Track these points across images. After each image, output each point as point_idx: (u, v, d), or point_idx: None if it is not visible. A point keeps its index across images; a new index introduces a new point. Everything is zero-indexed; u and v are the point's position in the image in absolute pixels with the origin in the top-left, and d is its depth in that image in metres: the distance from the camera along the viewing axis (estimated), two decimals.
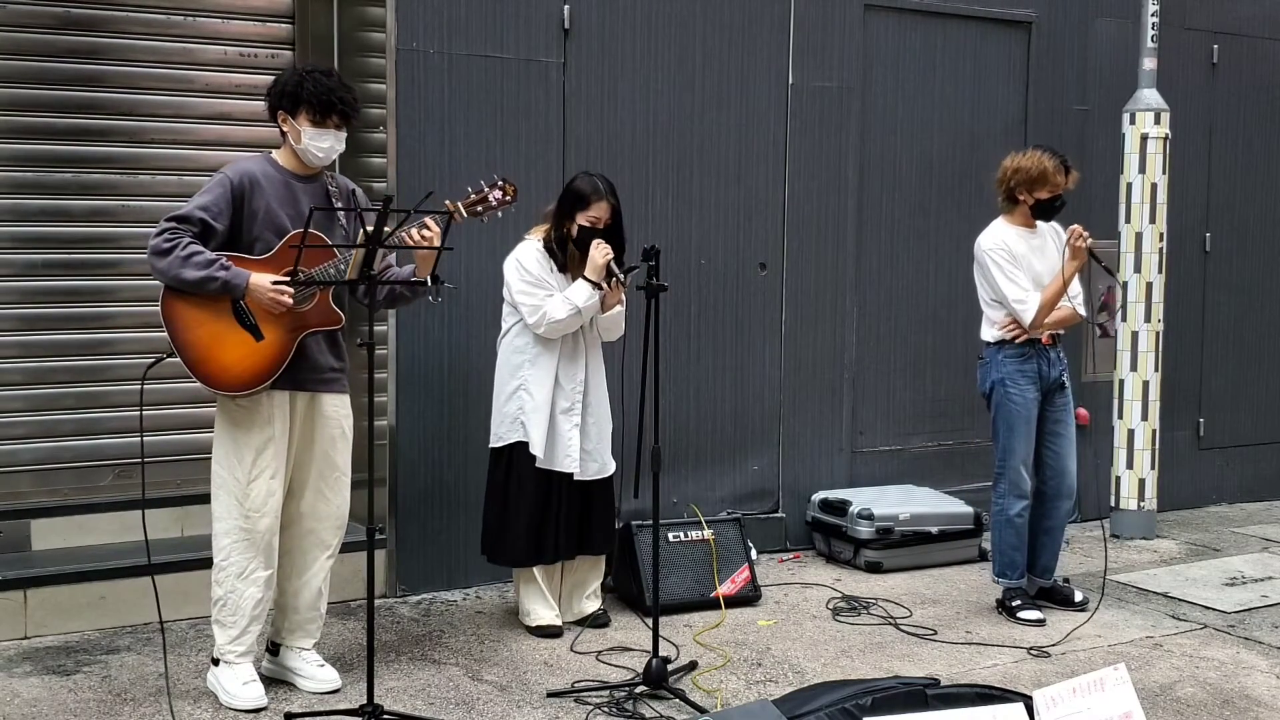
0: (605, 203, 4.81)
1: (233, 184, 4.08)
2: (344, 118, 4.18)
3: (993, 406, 5.29)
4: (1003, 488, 5.27)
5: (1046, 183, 5.15)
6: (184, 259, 3.95)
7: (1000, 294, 5.17)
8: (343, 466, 4.34)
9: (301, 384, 4.19)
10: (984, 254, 5.23)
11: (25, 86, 5.27)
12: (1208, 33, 7.42)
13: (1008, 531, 5.28)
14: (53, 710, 4.13)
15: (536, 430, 4.82)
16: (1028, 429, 5.21)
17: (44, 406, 5.36)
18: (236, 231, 4.10)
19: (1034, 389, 5.20)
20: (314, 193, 4.22)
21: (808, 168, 6.30)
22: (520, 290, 4.82)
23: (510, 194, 4.38)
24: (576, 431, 4.88)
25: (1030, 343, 5.20)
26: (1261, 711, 4.34)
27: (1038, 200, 5.18)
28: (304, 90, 4.12)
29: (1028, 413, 5.20)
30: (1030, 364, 5.20)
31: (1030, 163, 5.17)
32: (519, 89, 5.56)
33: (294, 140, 4.17)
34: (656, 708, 4.21)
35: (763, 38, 6.16)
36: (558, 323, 4.75)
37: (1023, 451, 5.21)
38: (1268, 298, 7.80)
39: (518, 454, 4.88)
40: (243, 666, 4.19)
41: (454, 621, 5.14)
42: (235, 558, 4.16)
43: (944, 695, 3.68)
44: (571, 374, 4.89)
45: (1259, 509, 7.59)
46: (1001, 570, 5.33)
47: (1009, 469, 5.23)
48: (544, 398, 4.83)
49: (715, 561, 5.44)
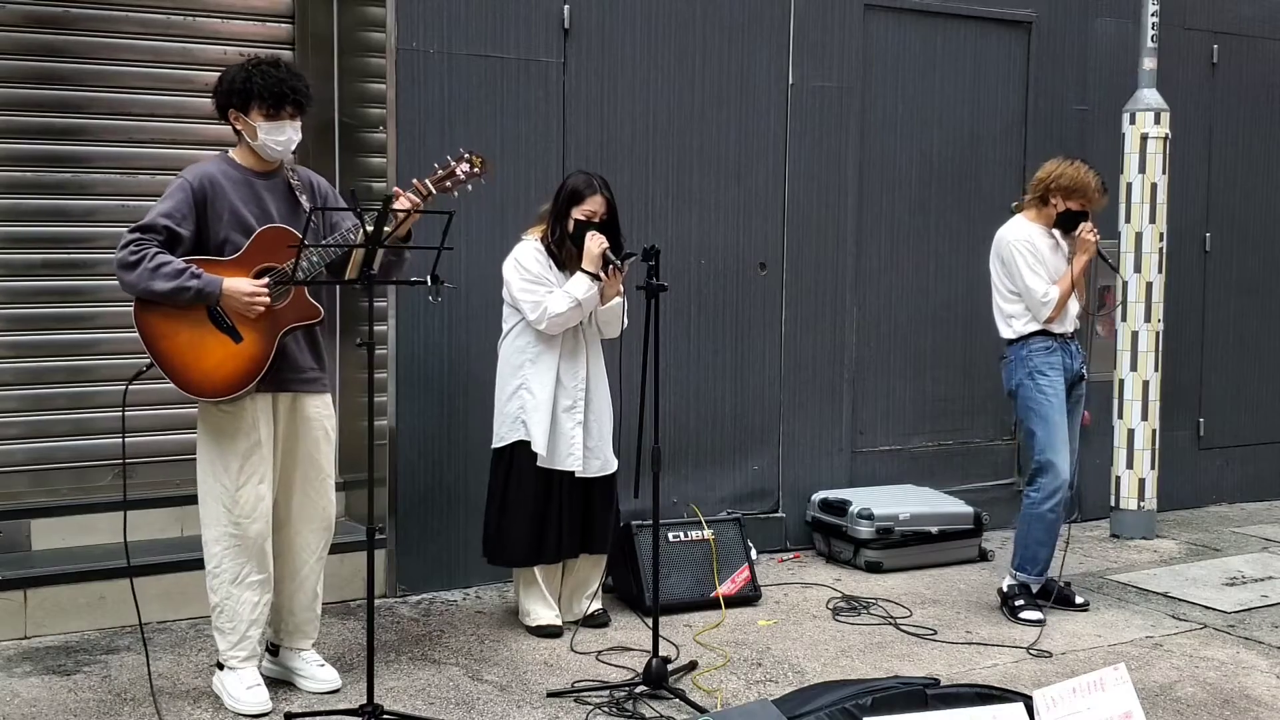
0: (600, 197, 4.83)
1: (193, 187, 4.01)
2: (298, 107, 4.10)
3: (1021, 402, 5.30)
4: (1041, 481, 5.23)
5: (1084, 196, 5.25)
6: (153, 270, 3.87)
7: (1024, 286, 5.22)
8: (327, 468, 4.32)
9: (283, 384, 4.15)
10: (1009, 246, 5.26)
11: (24, 86, 5.26)
12: (1208, 33, 7.42)
13: (1037, 526, 5.26)
14: (53, 710, 4.13)
15: (538, 429, 4.82)
16: (1062, 419, 5.24)
17: (38, 406, 5.35)
18: (203, 235, 4.03)
19: (1062, 380, 5.25)
20: (276, 188, 4.15)
21: (808, 167, 6.30)
22: (520, 288, 4.82)
23: (479, 166, 4.27)
24: (580, 429, 4.88)
25: (1053, 335, 5.25)
26: (1261, 711, 4.34)
27: (1068, 209, 5.26)
28: (253, 84, 4.03)
29: (1060, 403, 5.24)
30: (1056, 356, 5.26)
31: (1076, 173, 5.25)
32: (519, 89, 5.56)
33: (249, 137, 4.09)
34: (656, 708, 4.20)
35: (763, 37, 6.15)
36: (558, 316, 4.75)
37: (1060, 442, 5.21)
38: (1268, 298, 7.80)
39: (519, 453, 4.88)
40: (246, 671, 4.18)
41: (454, 621, 5.13)
42: (227, 564, 4.13)
43: (944, 695, 3.68)
44: (573, 371, 4.90)
45: (1259, 509, 7.59)
46: (1022, 564, 5.31)
47: (1050, 464, 5.20)
48: (546, 396, 4.83)
49: (715, 561, 5.44)
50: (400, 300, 5.33)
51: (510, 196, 5.41)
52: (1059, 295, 5.21)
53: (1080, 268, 5.25)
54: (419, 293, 5.17)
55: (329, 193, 4.34)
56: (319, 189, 4.30)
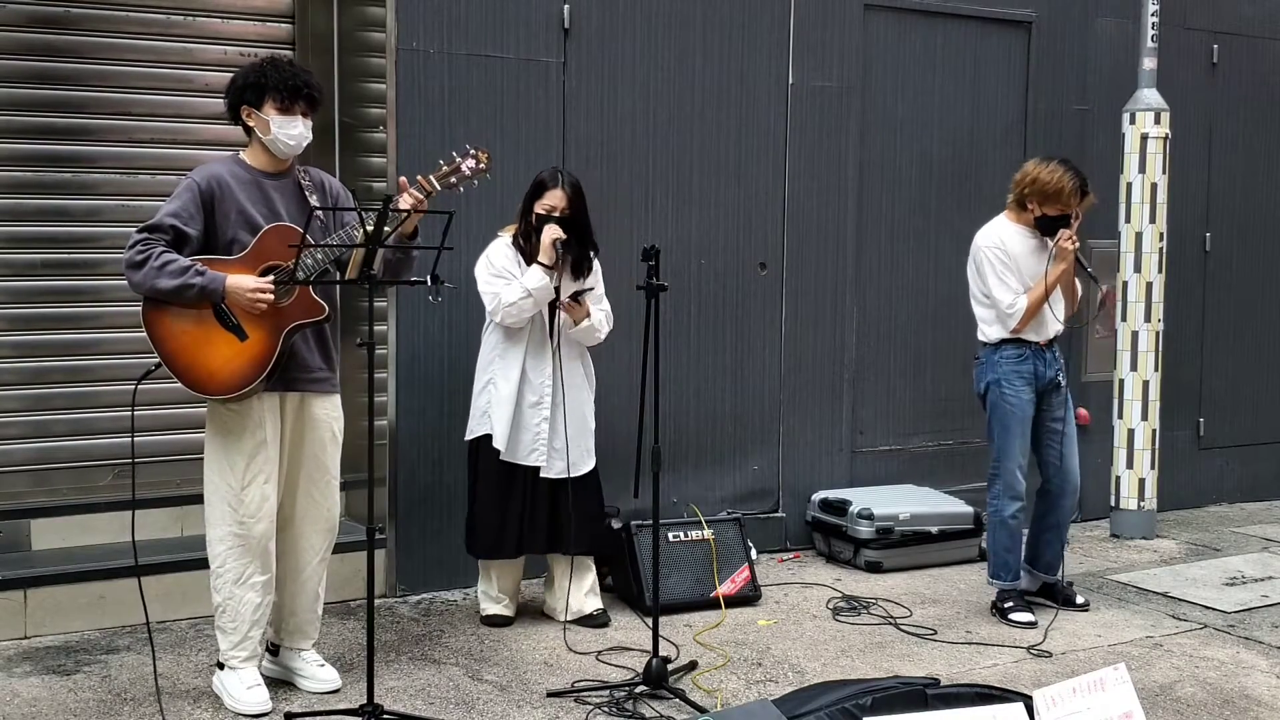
0: (560, 190, 4.85)
1: (200, 187, 4.02)
2: (310, 103, 4.12)
3: (988, 407, 5.29)
4: (997, 489, 5.26)
5: (1059, 201, 5.12)
6: (158, 269, 3.89)
7: (992, 296, 5.18)
8: (332, 470, 4.32)
9: (291, 384, 4.16)
10: (979, 252, 5.24)
11: (25, 86, 5.26)
12: (1208, 32, 7.42)
13: (1001, 533, 5.28)
14: (53, 710, 4.13)
15: (500, 424, 4.88)
16: (1022, 430, 5.21)
17: (39, 406, 5.35)
18: (211, 235, 4.05)
19: (1029, 389, 5.20)
20: (286, 189, 4.16)
21: (808, 167, 6.30)
22: (484, 281, 4.88)
23: (484, 161, 4.28)
24: (545, 425, 4.90)
25: (1027, 343, 5.20)
26: (1261, 711, 4.34)
27: (1045, 214, 5.16)
28: (267, 79, 4.06)
29: (1023, 413, 5.20)
30: (1026, 364, 5.20)
31: (1050, 177, 5.10)
32: (519, 89, 5.56)
33: (262, 133, 4.10)
34: (656, 708, 4.21)
35: (763, 37, 6.15)
36: (511, 306, 4.77)
37: (1017, 453, 5.21)
38: (1268, 298, 7.80)
39: (484, 447, 4.94)
40: (247, 671, 4.18)
41: (454, 621, 5.14)
42: (231, 564, 4.14)
43: (944, 695, 3.68)
44: (539, 368, 4.92)
45: (1259, 509, 7.59)
46: (995, 572, 5.33)
47: (1004, 470, 5.22)
48: (509, 391, 4.87)
49: (715, 561, 5.44)
50: (400, 300, 5.34)
51: (510, 196, 5.39)
52: (1026, 306, 5.11)
53: (1055, 276, 5.12)
54: (419, 293, 5.18)
55: (340, 193, 4.33)
56: (330, 189, 4.31)
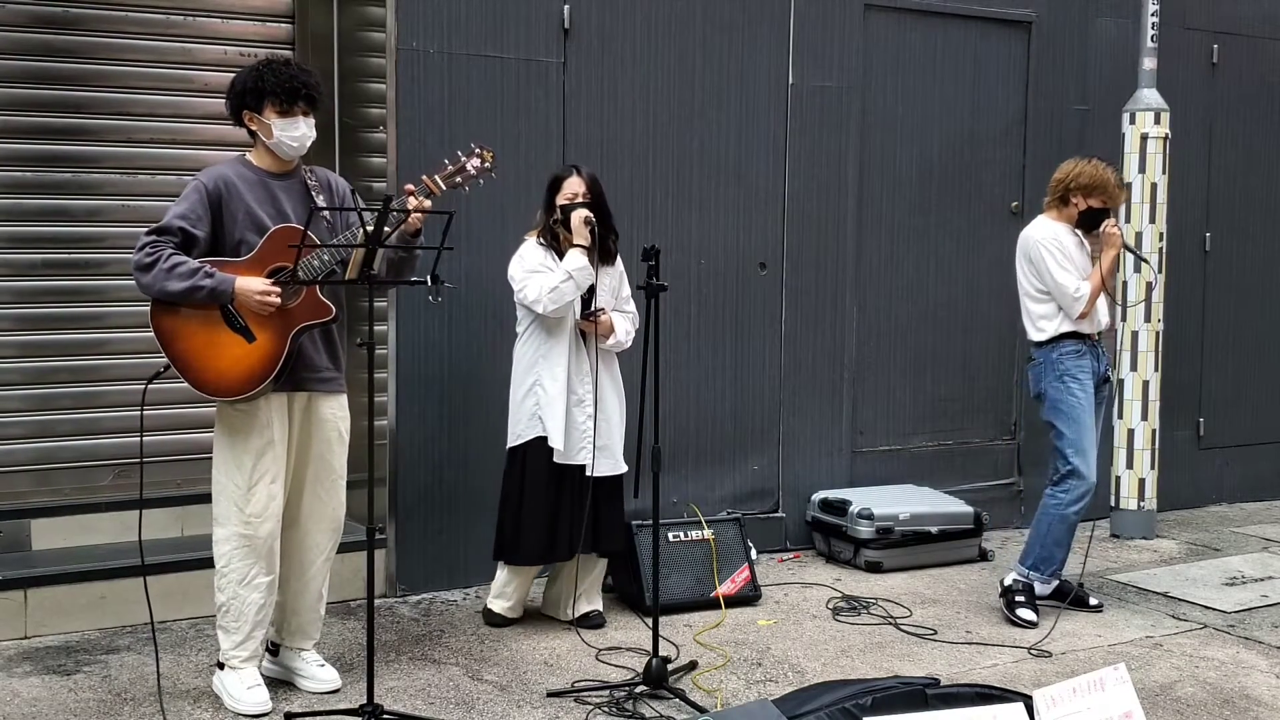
0: (576, 178, 4.92)
1: (207, 189, 4.03)
2: (310, 103, 4.12)
3: (1049, 404, 5.28)
4: (1070, 483, 5.22)
5: (1104, 192, 5.24)
6: (167, 271, 3.90)
7: (1054, 283, 5.20)
8: (339, 470, 4.32)
9: (299, 384, 4.17)
10: (1037, 245, 5.26)
11: (25, 86, 5.27)
12: (1208, 32, 7.42)
13: (1059, 527, 5.26)
14: (53, 710, 4.13)
15: (554, 422, 4.85)
16: (1091, 422, 5.25)
17: (42, 406, 5.36)
18: (219, 236, 4.05)
19: (1091, 383, 5.26)
20: (293, 189, 4.17)
21: (808, 167, 6.30)
22: (521, 277, 4.88)
23: (489, 160, 4.29)
24: (591, 423, 4.90)
25: (1082, 338, 5.25)
26: (1261, 711, 4.34)
27: (1090, 207, 5.25)
28: (265, 82, 4.06)
29: (1090, 404, 5.24)
30: (1085, 359, 5.26)
31: (1095, 171, 5.24)
32: (519, 89, 5.56)
33: (265, 136, 4.11)
34: (656, 707, 4.21)
35: (763, 37, 6.16)
36: (554, 291, 4.77)
37: (1089, 445, 5.22)
38: (1268, 298, 7.80)
39: (532, 451, 4.90)
40: (247, 671, 4.18)
41: (454, 621, 5.14)
42: (236, 564, 4.14)
43: (944, 695, 3.68)
44: (580, 370, 4.93)
45: (1259, 509, 7.59)
46: (1036, 563, 5.30)
47: (1082, 465, 5.20)
48: (558, 390, 4.86)
49: (715, 561, 5.45)
50: (400, 300, 5.34)
51: (510, 196, 5.41)
52: (1090, 291, 5.20)
53: (1109, 263, 5.23)
54: (419, 293, 5.18)
55: (347, 193, 4.34)
56: (337, 189, 4.31)
